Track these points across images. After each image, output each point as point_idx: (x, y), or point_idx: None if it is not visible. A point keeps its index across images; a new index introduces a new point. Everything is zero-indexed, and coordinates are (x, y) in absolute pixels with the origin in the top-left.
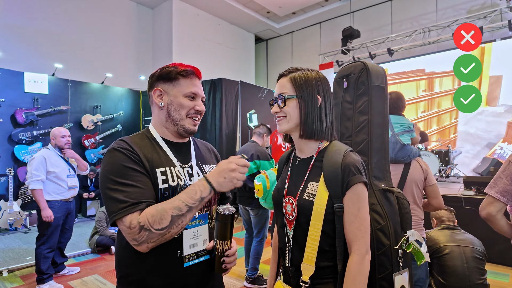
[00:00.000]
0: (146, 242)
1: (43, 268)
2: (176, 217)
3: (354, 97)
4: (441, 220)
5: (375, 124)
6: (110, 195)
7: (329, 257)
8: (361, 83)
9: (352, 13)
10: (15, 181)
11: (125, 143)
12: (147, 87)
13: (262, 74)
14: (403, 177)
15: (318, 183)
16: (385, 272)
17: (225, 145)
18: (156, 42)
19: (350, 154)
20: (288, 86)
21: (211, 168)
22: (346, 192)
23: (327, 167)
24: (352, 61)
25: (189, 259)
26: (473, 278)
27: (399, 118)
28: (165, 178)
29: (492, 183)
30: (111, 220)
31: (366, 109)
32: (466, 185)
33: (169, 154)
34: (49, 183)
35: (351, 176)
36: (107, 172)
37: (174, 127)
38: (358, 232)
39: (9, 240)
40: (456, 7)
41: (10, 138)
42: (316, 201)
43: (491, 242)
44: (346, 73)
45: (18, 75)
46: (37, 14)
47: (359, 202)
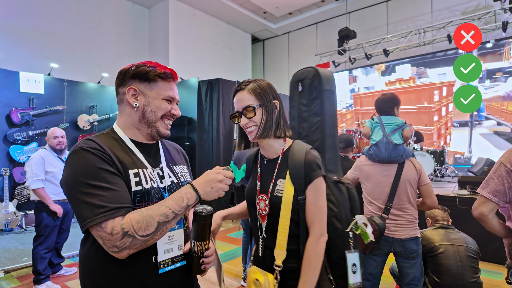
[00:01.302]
0: (127, 248)
1: (40, 268)
2: (162, 223)
3: (309, 100)
4: (436, 220)
5: (327, 124)
6: (83, 200)
7: (296, 241)
8: (314, 87)
9: (349, 14)
10: (10, 182)
11: (94, 142)
12: (116, 82)
13: (259, 74)
14: (397, 176)
15: (285, 179)
16: (339, 251)
17: (222, 145)
18: (153, 41)
19: (310, 152)
20: (251, 98)
21: (182, 169)
22: (308, 185)
23: (291, 165)
24: (306, 67)
25: (164, 265)
26: (466, 277)
27: (389, 118)
28: (138, 180)
29: (484, 184)
30: (84, 226)
31: (319, 111)
32: (460, 185)
33: (139, 155)
34: (47, 183)
35: (313, 172)
36: (77, 175)
37: (147, 129)
38: (315, 218)
39: (5, 240)
40: (451, 8)
41: (6, 138)
42: (284, 196)
43: (485, 241)
44: (301, 77)
45: (14, 74)
46: (32, 14)
47: (318, 193)
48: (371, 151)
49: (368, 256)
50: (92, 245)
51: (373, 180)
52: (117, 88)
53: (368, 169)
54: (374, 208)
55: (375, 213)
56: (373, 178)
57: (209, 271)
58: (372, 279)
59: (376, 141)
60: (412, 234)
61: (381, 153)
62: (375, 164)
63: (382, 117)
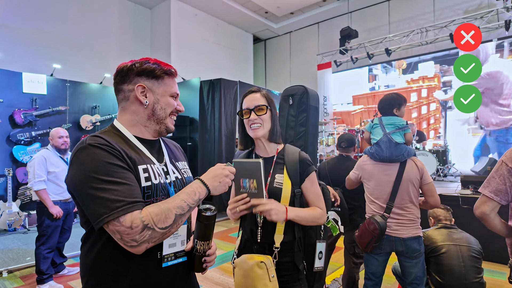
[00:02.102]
0: (146, 242)
1: (43, 268)
2: (178, 216)
3: (297, 113)
4: (438, 219)
5: (310, 134)
6: (96, 195)
7: (290, 226)
8: (302, 102)
9: (350, 13)
10: (13, 182)
11: (102, 139)
12: (116, 79)
13: (261, 74)
14: (398, 176)
15: (282, 174)
16: (311, 241)
17: (224, 145)
18: (154, 42)
19: (302, 152)
20: (263, 100)
21: (184, 165)
22: (306, 178)
23: (288, 163)
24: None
25: (167, 259)
26: (469, 277)
27: (390, 118)
28: (147, 175)
29: (486, 183)
30: (101, 222)
31: (304, 123)
32: (463, 184)
33: (145, 151)
34: (49, 183)
35: (308, 167)
36: (87, 171)
37: (156, 126)
38: (318, 200)
39: (8, 240)
40: (453, 7)
41: (9, 139)
42: (284, 188)
43: (488, 241)
44: (292, 93)
45: (16, 75)
46: (35, 15)
47: (314, 183)
48: (373, 149)
49: (369, 255)
50: (94, 243)
51: (375, 179)
52: (119, 85)
53: (370, 168)
54: (375, 207)
55: (376, 212)
56: (375, 177)
57: (211, 270)
58: (374, 278)
59: (377, 140)
60: (414, 233)
61: (383, 151)
62: (377, 163)
63: (382, 118)
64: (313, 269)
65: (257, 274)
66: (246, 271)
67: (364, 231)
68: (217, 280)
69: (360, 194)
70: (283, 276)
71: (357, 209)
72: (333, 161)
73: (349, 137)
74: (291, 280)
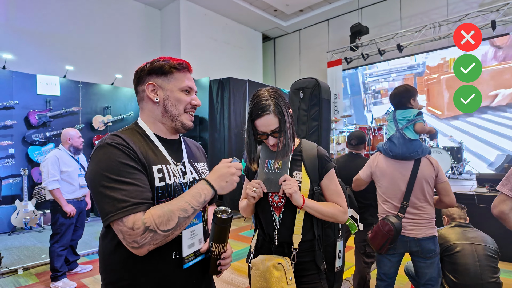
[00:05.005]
0: (148, 244)
1: (57, 265)
2: (182, 218)
3: (308, 107)
4: (452, 218)
5: (323, 128)
6: (106, 194)
7: (309, 226)
8: (314, 96)
9: (360, 10)
10: (29, 182)
11: (120, 138)
12: (134, 82)
13: (270, 72)
14: (413, 174)
15: (301, 172)
16: (329, 240)
17: (234, 144)
18: (164, 42)
19: (320, 148)
20: (276, 121)
21: (203, 166)
22: (325, 175)
23: (306, 159)
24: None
25: (188, 260)
26: (485, 276)
27: (403, 112)
28: (161, 176)
29: (504, 180)
30: (107, 221)
31: (317, 117)
32: (479, 182)
33: (163, 151)
34: (62, 182)
35: (327, 163)
36: (101, 169)
37: (171, 123)
38: (338, 197)
39: (24, 238)
40: (467, 0)
41: (24, 140)
42: (303, 185)
43: (506, 240)
44: (302, 86)
45: (31, 77)
46: (48, 18)
47: (334, 179)
48: (386, 145)
49: (383, 256)
50: (112, 239)
51: (389, 176)
52: (136, 87)
53: (383, 165)
54: (389, 207)
55: (390, 212)
56: (388, 174)
57: (226, 271)
58: (387, 279)
59: (390, 136)
60: (429, 233)
61: (396, 147)
62: (390, 160)
63: (396, 113)
64: (335, 270)
65: (274, 276)
66: (263, 272)
67: (378, 233)
68: (227, 279)
69: (370, 193)
70: (304, 276)
71: (368, 208)
72: (343, 159)
73: (359, 134)
74: (312, 280)
